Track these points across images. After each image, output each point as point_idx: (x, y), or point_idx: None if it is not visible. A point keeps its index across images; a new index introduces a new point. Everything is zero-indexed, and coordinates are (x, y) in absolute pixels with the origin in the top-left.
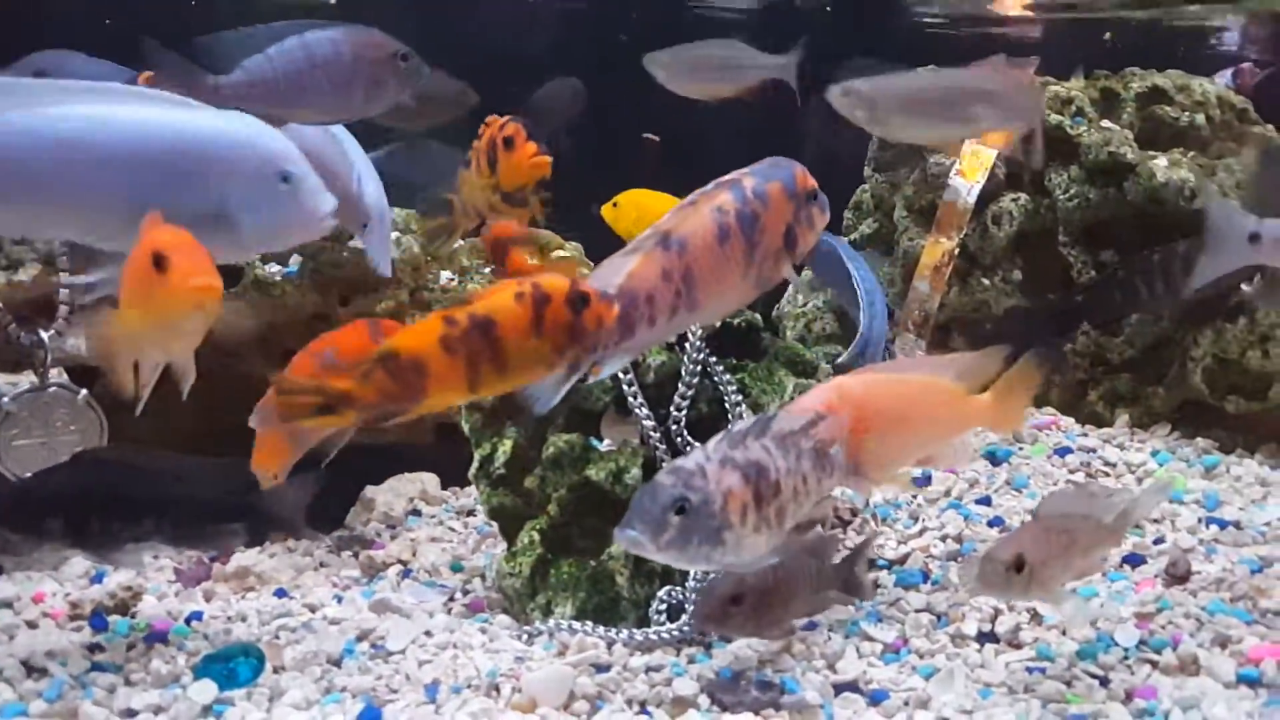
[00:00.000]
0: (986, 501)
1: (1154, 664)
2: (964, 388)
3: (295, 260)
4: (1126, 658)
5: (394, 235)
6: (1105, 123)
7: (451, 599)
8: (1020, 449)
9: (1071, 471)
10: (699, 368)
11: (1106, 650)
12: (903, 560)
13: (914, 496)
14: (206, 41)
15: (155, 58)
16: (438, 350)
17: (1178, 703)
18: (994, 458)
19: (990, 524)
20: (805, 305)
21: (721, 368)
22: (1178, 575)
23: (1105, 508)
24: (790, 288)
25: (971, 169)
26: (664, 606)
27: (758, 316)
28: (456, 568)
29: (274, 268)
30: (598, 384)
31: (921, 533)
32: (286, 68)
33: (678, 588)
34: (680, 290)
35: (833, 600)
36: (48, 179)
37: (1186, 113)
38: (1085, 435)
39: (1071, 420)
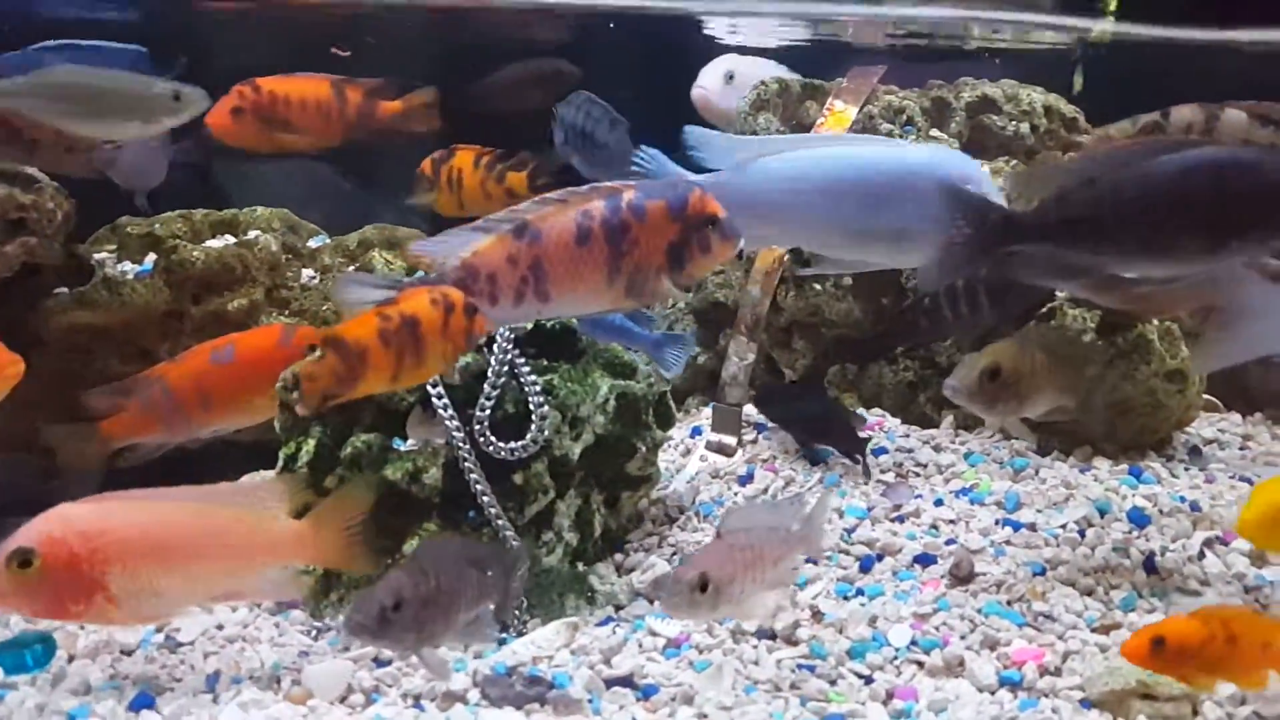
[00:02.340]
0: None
1: (921, 664)
2: (269, 513)
3: (150, 258)
4: (896, 658)
5: (253, 234)
6: (935, 132)
7: None
8: None
9: (883, 471)
10: (505, 368)
11: (878, 650)
12: None
13: (735, 494)
14: None
15: None
16: (376, 340)
17: (931, 705)
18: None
19: None
20: (672, 306)
21: (529, 368)
22: (961, 576)
23: (790, 516)
24: None
25: None
26: None
27: (573, 319)
28: None
29: (127, 266)
30: None
31: None
32: None
33: None
34: (527, 278)
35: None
36: (807, 207)
37: (1013, 121)
38: (906, 436)
39: (898, 421)
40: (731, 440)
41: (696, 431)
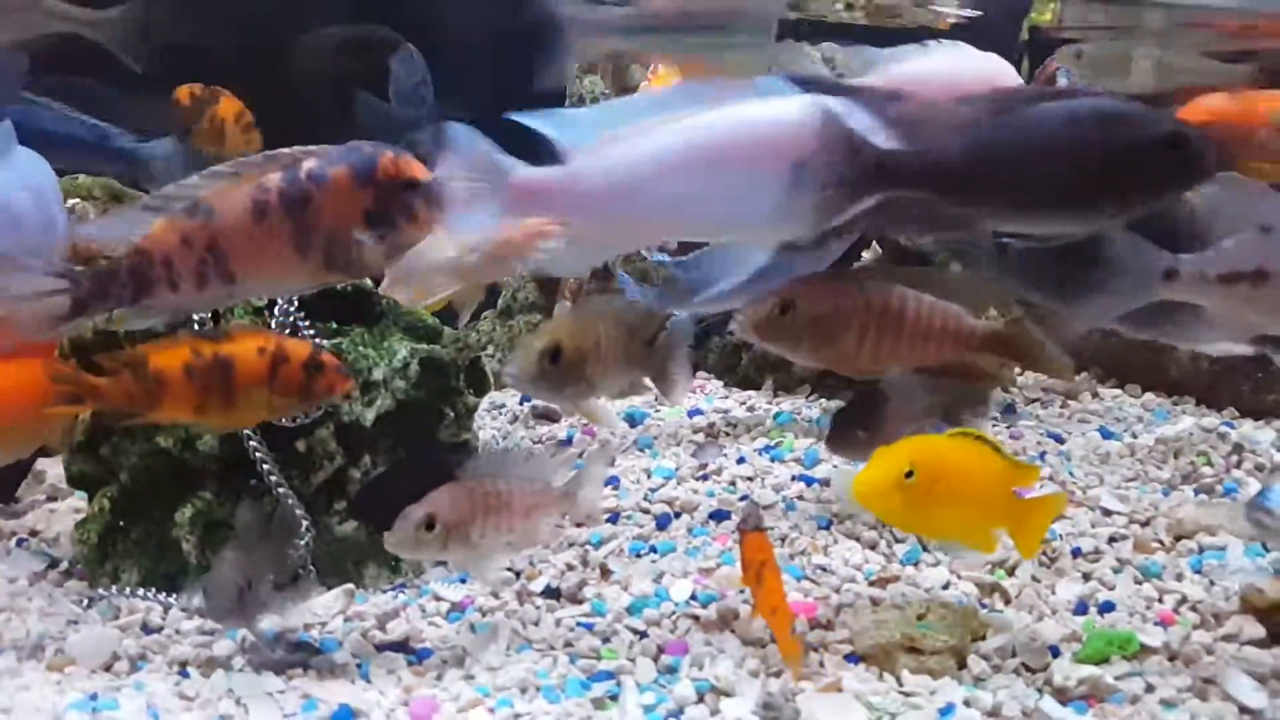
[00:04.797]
0: (610, 462)
1: (696, 619)
2: None
3: None
4: (674, 613)
5: (70, 203)
6: None
7: (52, 567)
8: (657, 410)
9: (695, 431)
10: (286, 331)
11: (657, 606)
12: None
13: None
14: None
15: None
16: (180, 373)
17: (695, 659)
18: (632, 420)
19: (606, 483)
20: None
21: (313, 332)
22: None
23: (550, 470)
24: None
25: None
26: None
27: (368, 281)
28: None
29: None
30: None
31: None
32: None
33: None
34: (207, 260)
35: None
36: None
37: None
38: (726, 397)
39: (720, 383)
40: (556, 406)
41: (528, 398)
